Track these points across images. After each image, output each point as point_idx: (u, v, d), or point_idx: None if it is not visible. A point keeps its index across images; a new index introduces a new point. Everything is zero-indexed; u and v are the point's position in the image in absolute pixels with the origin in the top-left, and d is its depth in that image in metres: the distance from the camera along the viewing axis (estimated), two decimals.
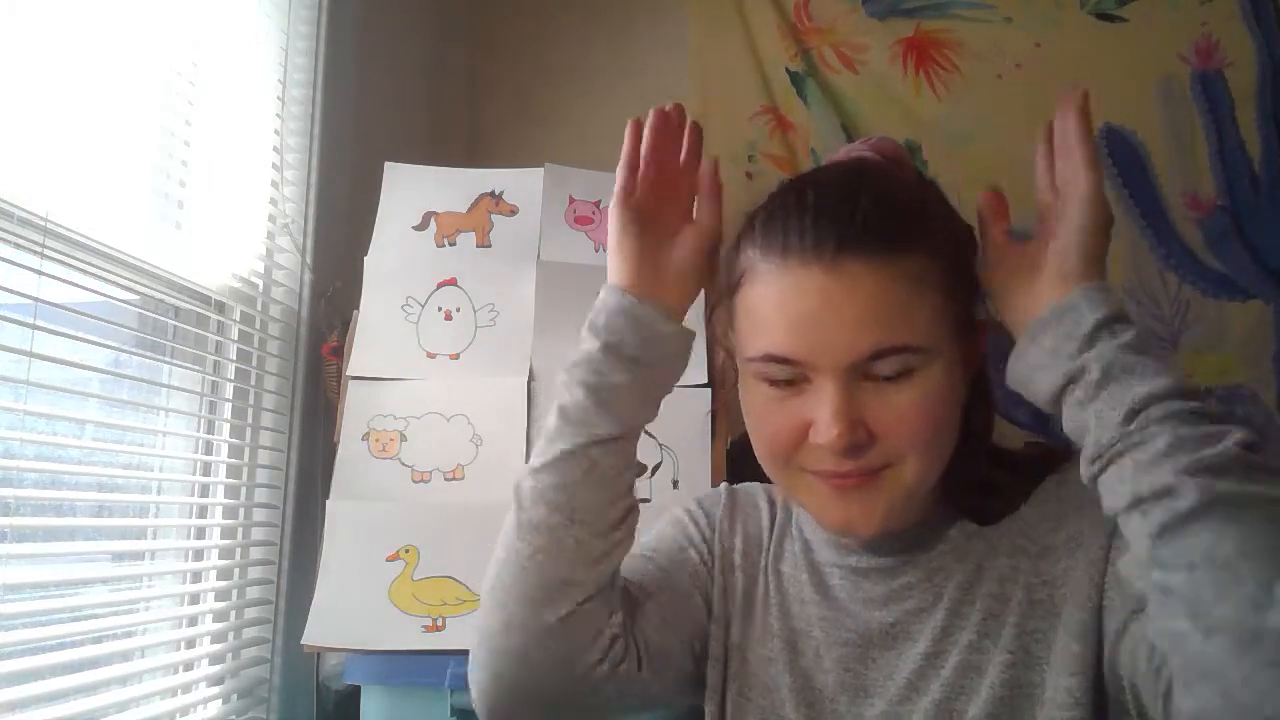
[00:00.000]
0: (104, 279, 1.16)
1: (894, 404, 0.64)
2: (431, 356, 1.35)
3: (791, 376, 0.66)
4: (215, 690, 1.29)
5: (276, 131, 1.52)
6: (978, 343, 0.72)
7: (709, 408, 1.31)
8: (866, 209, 0.66)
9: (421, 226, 1.45)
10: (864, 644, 0.72)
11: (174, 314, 1.33)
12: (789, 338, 0.66)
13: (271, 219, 1.50)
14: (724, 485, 0.89)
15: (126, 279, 1.20)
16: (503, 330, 1.37)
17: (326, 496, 1.27)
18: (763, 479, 0.74)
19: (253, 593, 1.39)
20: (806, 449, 0.67)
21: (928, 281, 0.65)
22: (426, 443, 1.30)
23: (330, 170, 1.59)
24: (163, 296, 1.28)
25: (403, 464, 1.29)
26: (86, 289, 1.13)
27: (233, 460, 1.38)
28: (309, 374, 1.50)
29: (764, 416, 0.70)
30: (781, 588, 0.78)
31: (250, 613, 1.39)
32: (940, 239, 0.68)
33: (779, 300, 0.66)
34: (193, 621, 1.28)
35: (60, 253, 1.06)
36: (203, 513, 1.34)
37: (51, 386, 1.08)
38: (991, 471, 0.72)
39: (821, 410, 0.64)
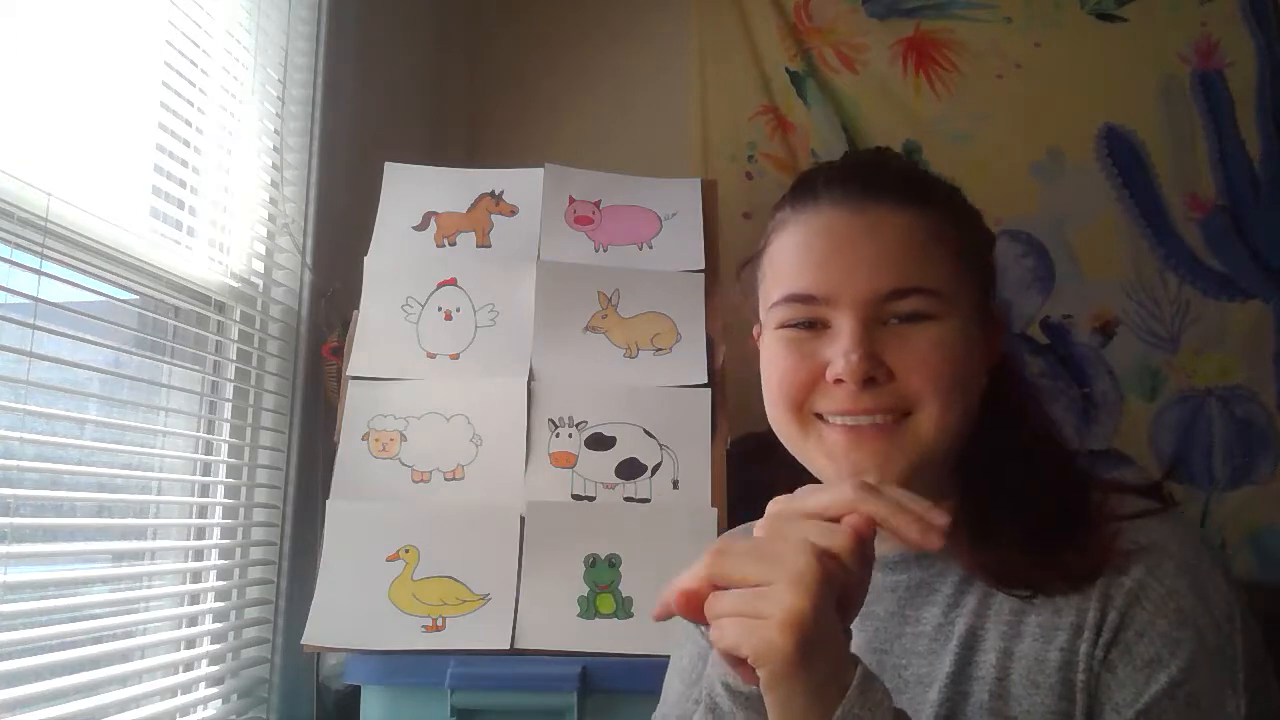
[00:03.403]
0: (104, 279, 1.16)
1: (912, 343, 0.64)
2: (431, 356, 1.35)
3: (811, 318, 0.67)
4: (215, 690, 1.30)
5: (276, 131, 1.52)
6: (995, 335, 0.71)
7: (709, 408, 1.31)
8: (893, 165, 0.73)
9: (421, 226, 1.45)
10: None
11: (174, 314, 1.33)
12: (811, 274, 0.67)
13: (271, 219, 1.50)
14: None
15: (126, 279, 1.20)
16: (503, 330, 1.37)
17: (326, 496, 1.27)
18: (764, 478, 0.73)
19: (253, 593, 1.39)
20: (821, 391, 0.66)
21: (946, 240, 0.67)
22: (426, 443, 1.30)
23: (330, 170, 1.59)
24: (163, 296, 1.28)
25: (403, 464, 1.29)
26: (86, 289, 1.13)
27: (233, 460, 1.38)
28: (309, 374, 1.50)
29: (779, 360, 0.68)
30: None
31: (250, 613, 1.39)
32: (960, 213, 0.70)
33: (805, 241, 0.69)
34: (193, 621, 1.28)
35: (60, 253, 1.06)
36: (203, 513, 1.34)
37: (51, 386, 1.08)
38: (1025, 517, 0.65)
39: (839, 344, 0.65)
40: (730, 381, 1.35)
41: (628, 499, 1.27)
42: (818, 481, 0.72)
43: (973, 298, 0.68)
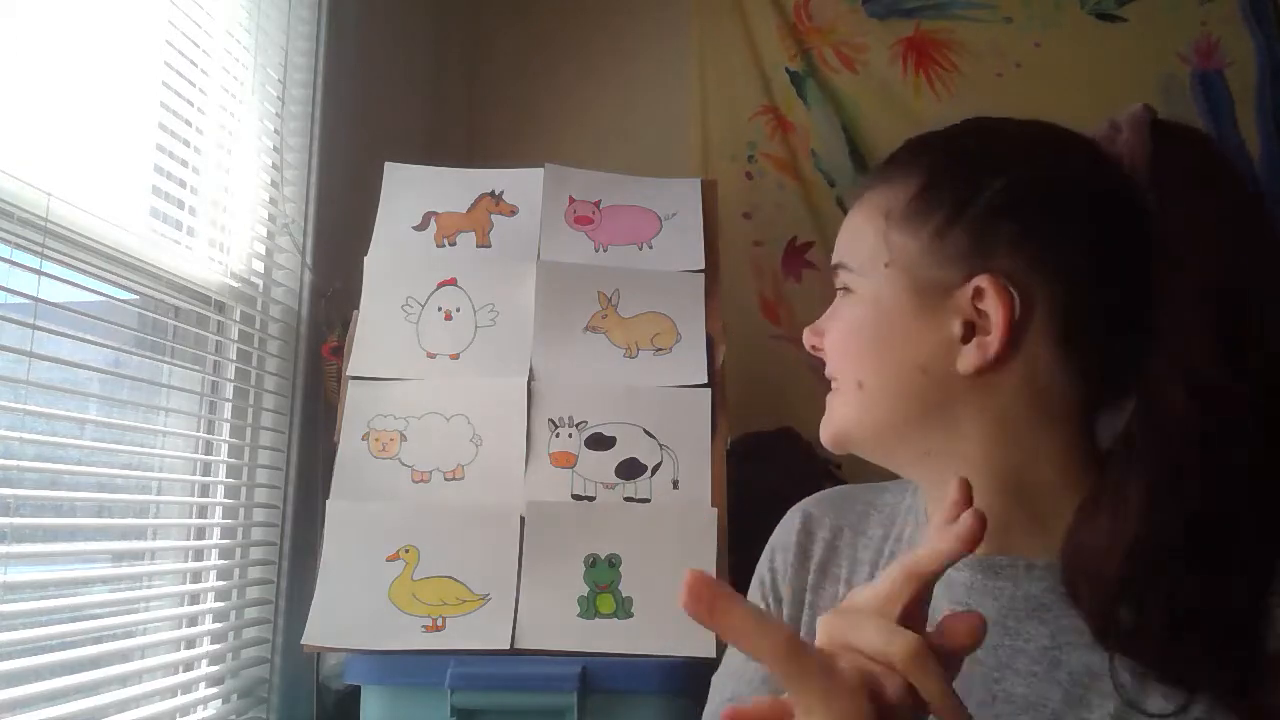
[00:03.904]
0: (104, 279, 1.16)
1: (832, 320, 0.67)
2: (431, 356, 1.35)
3: None
4: (215, 690, 1.30)
5: (276, 131, 1.52)
6: (944, 310, 0.60)
7: (709, 408, 1.31)
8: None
9: (421, 226, 1.45)
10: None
11: (174, 314, 1.33)
12: None
13: (271, 219, 1.50)
14: (795, 512, 0.77)
15: (126, 279, 1.20)
16: (503, 330, 1.37)
17: (326, 496, 1.27)
18: (760, 476, 0.72)
19: (253, 593, 1.39)
20: None
21: (888, 210, 0.63)
22: (426, 443, 1.30)
23: (330, 170, 1.59)
24: (163, 296, 1.28)
25: (403, 464, 1.29)
26: (86, 289, 1.13)
27: (233, 460, 1.38)
28: (309, 374, 1.50)
29: None
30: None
31: (250, 613, 1.39)
32: (933, 173, 0.62)
33: None
34: (193, 621, 1.28)
35: (60, 253, 1.06)
36: (203, 513, 1.34)
37: (51, 386, 1.08)
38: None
39: None
40: (730, 381, 1.35)
41: (628, 499, 1.27)
42: (810, 480, 0.72)
43: (904, 266, 0.61)
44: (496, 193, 1.48)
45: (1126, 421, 0.55)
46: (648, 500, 1.27)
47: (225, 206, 1.41)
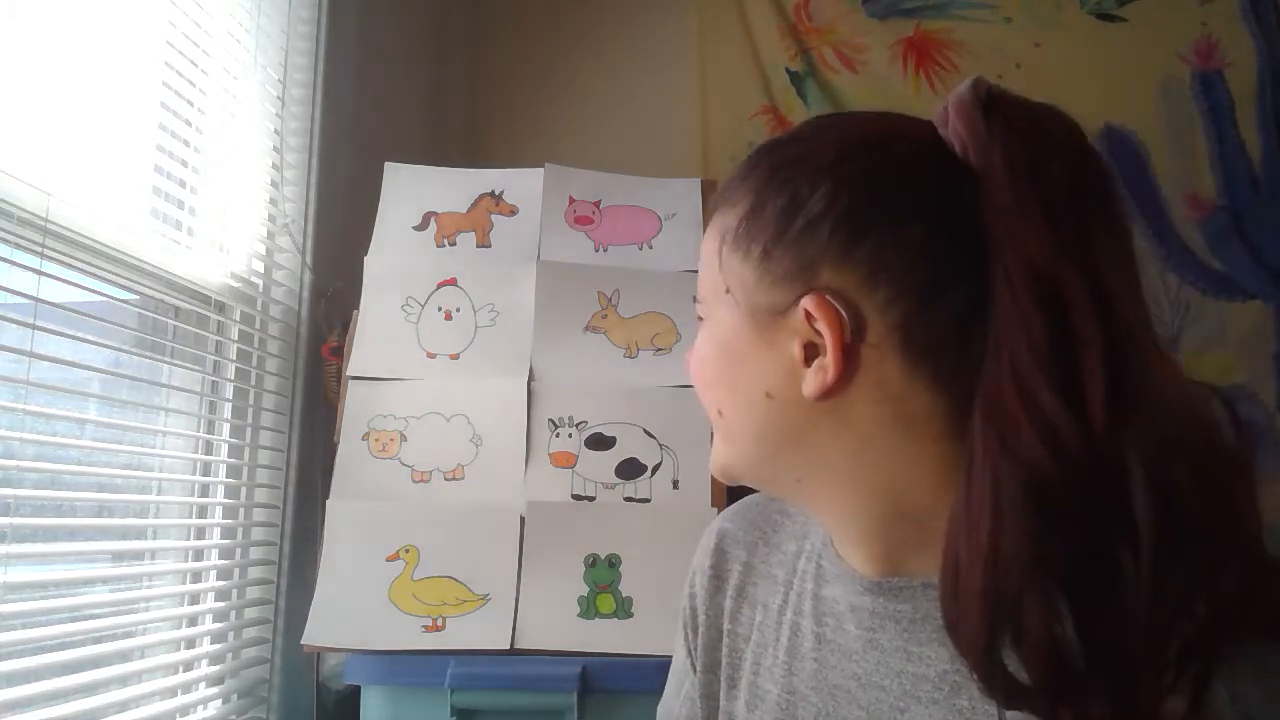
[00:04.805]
0: (104, 279, 1.16)
1: None
2: (431, 356, 1.36)
3: None
4: (215, 690, 1.30)
5: (276, 131, 1.52)
6: (784, 330, 0.56)
7: None
8: None
9: (421, 226, 1.45)
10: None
11: (174, 314, 1.33)
12: None
13: (271, 219, 1.50)
14: (711, 532, 0.75)
15: (126, 279, 1.20)
16: (503, 330, 1.37)
17: (326, 496, 1.27)
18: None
19: (253, 593, 1.39)
20: None
21: (723, 233, 0.60)
22: (426, 443, 1.30)
23: (330, 170, 1.59)
24: (163, 296, 1.28)
25: (403, 464, 1.29)
26: (86, 289, 1.13)
27: (233, 460, 1.38)
28: (309, 374, 1.50)
29: None
30: (768, 636, 0.67)
31: (250, 613, 1.39)
32: (757, 191, 0.59)
33: None
34: (193, 621, 1.28)
35: (60, 253, 1.06)
36: (203, 513, 1.34)
37: (51, 386, 1.08)
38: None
39: None
40: None
41: (628, 499, 1.27)
42: None
43: (740, 292, 0.58)
44: (496, 193, 1.48)
45: (970, 432, 0.50)
46: (648, 500, 1.27)
47: (225, 206, 1.41)
